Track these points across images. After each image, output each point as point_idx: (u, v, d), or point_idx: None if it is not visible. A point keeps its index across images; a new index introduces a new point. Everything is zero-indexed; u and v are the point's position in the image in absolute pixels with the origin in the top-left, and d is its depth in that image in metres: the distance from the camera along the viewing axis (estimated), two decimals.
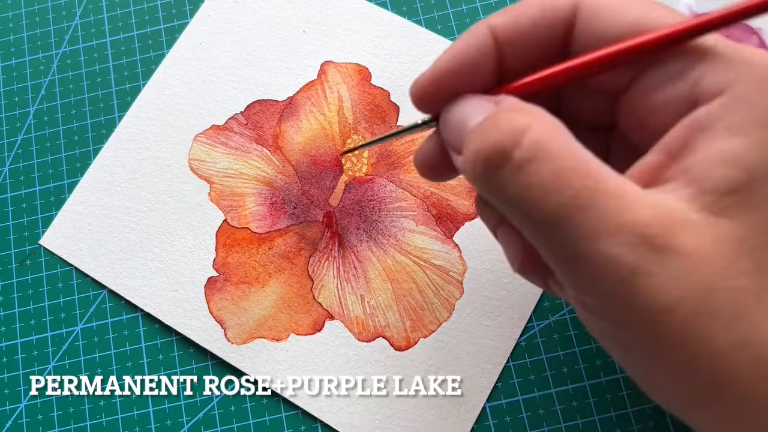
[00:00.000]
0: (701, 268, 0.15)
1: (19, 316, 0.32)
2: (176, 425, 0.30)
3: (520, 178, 0.16)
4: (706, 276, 0.15)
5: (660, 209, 0.15)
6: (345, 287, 0.31)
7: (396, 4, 0.36)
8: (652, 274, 0.15)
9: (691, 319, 0.15)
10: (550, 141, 0.16)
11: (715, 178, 0.15)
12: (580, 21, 0.18)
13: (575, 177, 0.16)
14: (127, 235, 0.33)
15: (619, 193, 0.16)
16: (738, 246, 0.15)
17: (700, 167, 0.16)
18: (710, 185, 0.15)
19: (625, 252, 0.15)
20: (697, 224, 0.15)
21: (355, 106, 0.34)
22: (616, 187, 0.16)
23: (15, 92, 0.36)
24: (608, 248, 0.15)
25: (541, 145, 0.16)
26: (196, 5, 0.36)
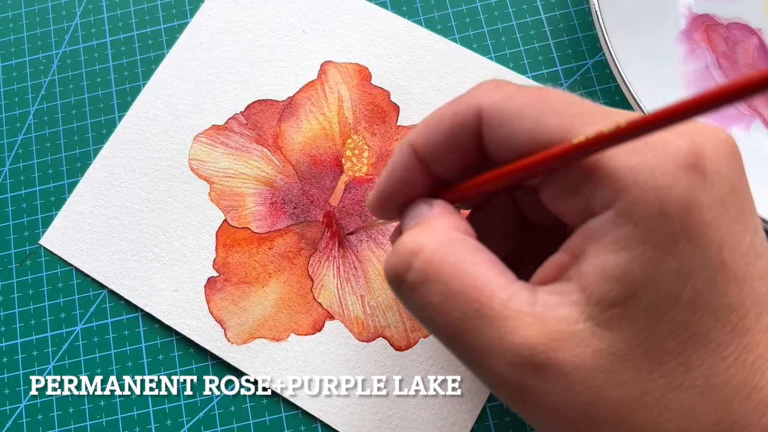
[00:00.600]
0: (583, 382, 0.16)
1: (19, 316, 0.32)
2: (176, 425, 0.30)
3: (414, 298, 0.18)
4: (588, 389, 0.16)
5: (545, 325, 0.16)
6: (345, 287, 0.31)
7: (396, 4, 0.36)
8: (536, 391, 0.17)
9: (578, 425, 0.17)
10: (439, 262, 0.18)
11: (599, 292, 0.16)
12: (485, 130, 0.19)
13: (460, 300, 0.17)
14: (127, 235, 0.33)
15: (504, 314, 0.17)
16: (618, 358, 0.16)
17: (588, 277, 0.17)
18: (595, 297, 0.16)
19: (509, 372, 0.17)
20: (581, 336, 0.16)
21: (355, 106, 0.34)
22: (501, 306, 0.17)
23: (15, 92, 0.36)
24: (493, 367, 0.17)
25: (429, 267, 0.18)
26: (196, 5, 0.36)
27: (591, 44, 0.35)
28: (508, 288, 0.17)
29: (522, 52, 0.35)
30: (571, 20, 0.35)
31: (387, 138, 0.33)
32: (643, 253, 0.16)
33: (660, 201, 0.16)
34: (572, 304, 0.17)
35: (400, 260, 0.18)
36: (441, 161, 0.20)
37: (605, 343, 0.16)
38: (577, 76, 0.34)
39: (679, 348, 0.16)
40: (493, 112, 0.19)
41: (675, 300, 0.16)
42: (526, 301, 0.17)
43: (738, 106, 0.33)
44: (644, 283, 0.16)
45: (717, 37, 0.33)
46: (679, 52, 0.33)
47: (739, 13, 0.33)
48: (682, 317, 0.16)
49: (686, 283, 0.16)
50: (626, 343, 0.16)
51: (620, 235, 0.16)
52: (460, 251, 0.18)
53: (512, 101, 0.18)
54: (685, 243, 0.16)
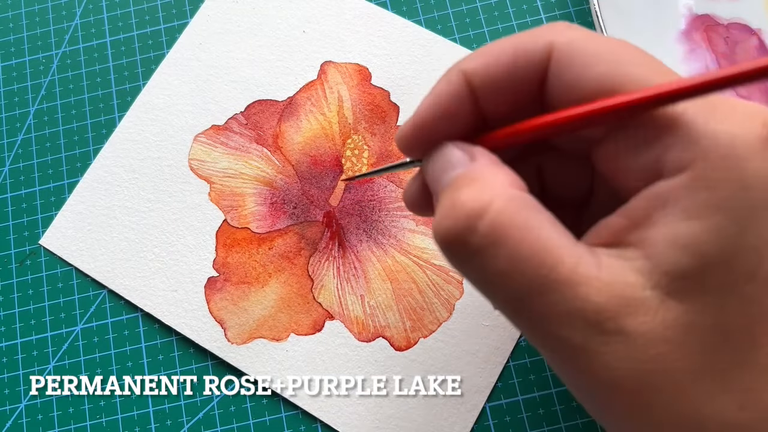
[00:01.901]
0: (646, 350, 0.16)
1: (19, 316, 0.32)
2: (176, 425, 0.30)
3: (477, 264, 0.17)
4: (651, 357, 0.16)
5: (612, 290, 0.16)
6: (345, 287, 0.31)
7: (396, 4, 0.36)
8: (599, 354, 0.16)
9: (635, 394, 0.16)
10: (506, 225, 0.16)
11: (669, 261, 0.16)
12: (552, 69, 0.18)
13: (529, 265, 0.16)
14: (127, 235, 0.33)
15: (572, 279, 0.16)
16: (685, 330, 0.16)
17: (656, 245, 0.16)
18: (664, 267, 0.16)
19: (574, 335, 0.16)
20: (648, 304, 0.16)
21: (355, 106, 0.34)
22: (570, 272, 0.16)
23: (15, 92, 0.36)
24: (559, 331, 0.16)
25: (496, 230, 0.16)
26: (196, 5, 0.36)
27: None
28: (575, 251, 0.16)
29: None
30: (571, 20, 0.35)
31: (387, 138, 0.33)
32: (720, 223, 0.15)
33: (741, 171, 0.15)
34: (637, 271, 0.16)
35: (461, 221, 0.17)
36: (494, 96, 0.19)
37: (672, 314, 0.16)
38: None
39: (748, 325, 0.16)
40: (567, 50, 0.17)
41: (751, 276, 0.15)
42: (592, 265, 0.16)
43: None
44: (719, 256, 0.15)
45: (717, 37, 0.33)
46: (679, 52, 0.33)
47: (739, 13, 0.33)
48: (756, 294, 0.16)
49: (763, 259, 0.15)
50: (695, 315, 0.16)
51: (695, 201, 0.15)
52: (525, 212, 0.17)
53: (588, 43, 0.17)
54: (764, 216, 0.15)
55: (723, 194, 0.15)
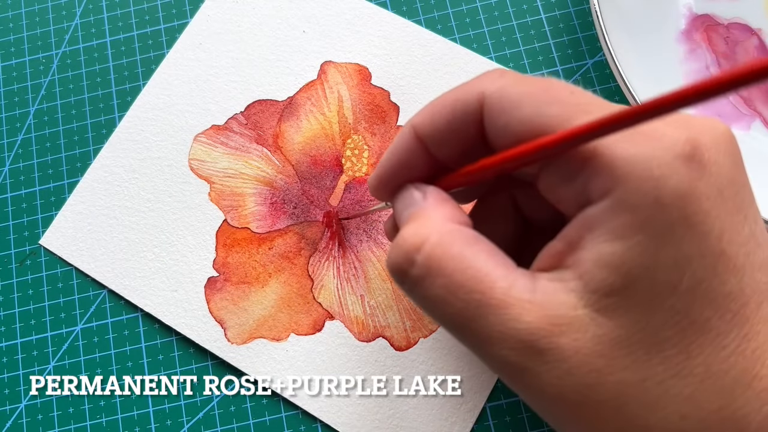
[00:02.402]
0: (582, 366, 0.17)
1: (19, 316, 0.32)
2: (176, 425, 0.30)
3: (418, 291, 0.19)
4: (588, 373, 0.17)
5: (544, 311, 0.17)
6: (345, 287, 0.31)
7: (396, 4, 0.36)
8: (538, 374, 0.17)
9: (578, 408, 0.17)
10: (440, 256, 0.18)
11: (596, 280, 0.17)
12: (485, 116, 0.19)
13: (463, 291, 0.18)
14: (127, 235, 0.33)
15: (506, 302, 0.17)
16: (616, 345, 0.17)
17: (585, 266, 0.17)
18: (593, 285, 0.17)
19: (512, 356, 0.17)
20: (580, 322, 0.17)
21: (355, 106, 0.34)
22: (502, 295, 0.17)
23: (15, 92, 0.36)
24: (497, 352, 0.17)
25: (432, 261, 0.18)
26: (196, 5, 0.36)
27: (591, 44, 0.35)
28: (509, 277, 0.18)
29: (522, 52, 0.35)
30: (571, 20, 0.35)
31: (387, 138, 0.33)
32: (640, 242, 0.16)
33: (657, 190, 0.16)
34: (570, 291, 0.17)
35: (401, 255, 0.19)
36: (442, 145, 0.21)
37: (603, 330, 0.17)
38: (577, 76, 0.34)
39: (679, 336, 0.16)
40: (495, 98, 0.19)
41: (673, 288, 0.16)
42: (526, 289, 0.17)
43: (738, 106, 0.33)
44: (641, 271, 0.16)
45: (717, 37, 0.33)
46: (679, 52, 0.33)
47: (739, 13, 0.33)
48: (680, 305, 0.16)
49: (685, 271, 0.16)
50: (624, 330, 0.16)
51: (617, 223, 0.16)
52: (460, 243, 0.18)
53: (514, 89, 0.19)
54: (683, 231, 0.16)
55: (641, 215, 0.16)
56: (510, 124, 0.18)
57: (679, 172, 0.16)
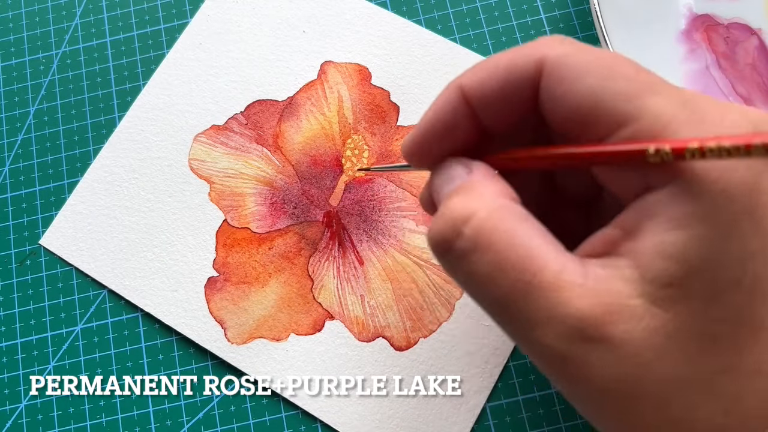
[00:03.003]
0: (631, 357, 0.16)
1: (19, 316, 0.32)
2: (176, 425, 0.30)
3: (462, 267, 0.18)
4: (636, 365, 0.16)
5: (597, 298, 0.16)
6: (345, 287, 0.31)
7: (396, 4, 0.36)
8: (584, 362, 0.16)
9: (622, 401, 0.16)
10: (491, 230, 0.17)
11: (655, 270, 0.16)
12: (543, 83, 0.18)
13: (512, 269, 0.17)
14: (127, 235, 0.33)
15: (555, 285, 0.16)
16: (669, 337, 0.16)
17: (644, 254, 0.16)
18: (650, 275, 0.16)
19: (556, 342, 0.16)
20: (634, 312, 0.16)
21: (355, 106, 0.34)
22: (553, 278, 0.16)
23: (15, 92, 0.36)
24: (542, 337, 0.17)
25: (481, 235, 0.17)
26: (196, 5, 0.36)
27: (591, 44, 0.34)
28: (559, 259, 0.17)
29: None
30: (571, 20, 0.35)
31: (387, 138, 0.33)
32: (704, 233, 0.15)
33: (724, 181, 0.15)
34: (625, 280, 0.16)
35: (448, 226, 0.18)
36: (491, 110, 0.19)
37: (658, 321, 0.16)
38: None
39: (733, 332, 0.16)
40: (557, 65, 0.18)
41: (734, 284, 0.16)
42: (578, 273, 0.17)
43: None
44: (703, 264, 0.16)
45: (717, 37, 0.33)
46: (679, 52, 0.33)
47: (739, 13, 0.33)
48: (738, 302, 0.16)
49: (747, 267, 0.16)
50: (679, 323, 0.16)
51: (680, 212, 0.16)
52: (511, 219, 0.17)
53: (578, 57, 0.18)
54: (747, 226, 0.15)
55: (706, 205, 0.15)
56: (569, 94, 0.17)
57: (747, 163, 0.15)
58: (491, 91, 0.19)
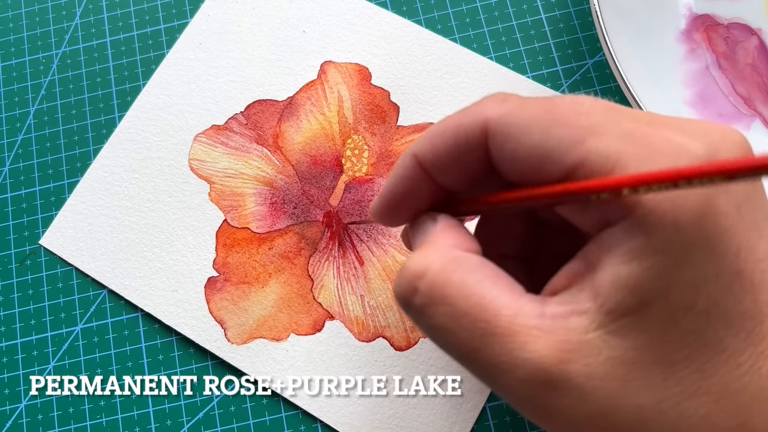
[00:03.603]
0: (596, 392, 0.16)
1: (19, 316, 0.32)
2: (176, 425, 0.30)
3: (423, 321, 0.18)
4: (602, 399, 0.16)
5: (554, 337, 0.16)
6: (345, 287, 0.31)
7: (396, 4, 0.36)
8: (551, 405, 0.17)
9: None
10: (444, 283, 0.18)
11: (611, 301, 0.16)
12: (491, 144, 0.19)
13: (467, 319, 0.17)
14: (127, 235, 0.33)
15: (512, 330, 0.17)
16: (631, 365, 0.16)
17: (602, 286, 0.16)
18: (607, 306, 0.16)
19: (522, 387, 0.17)
20: (592, 346, 0.16)
21: (355, 106, 0.34)
22: (508, 323, 0.17)
23: (15, 92, 0.36)
24: (508, 383, 0.17)
25: (434, 288, 0.18)
26: (196, 5, 0.36)
27: (591, 44, 0.35)
28: (515, 303, 0.17)
29: (522, 52, 0.35)
30: (571, 20, 0.35)
31: (387, 138, 0.33)
32: (655, 263, 0.16)
33: (674, 211, 0.16)
34: (583, 314, 0.17)
35: (405, 284, 0.19)
36: (446, 173, 0.20)
37: (617, 352, 0.16)
38: (577, 76, 0.34)
39: (693, 356, 0.16)
40: (500, 126, 0.18)
41: (688, 309, 0.16)
42: (533, 315, 0.17)
43: (738, 106, 0.33)
44: (656, 292, 0.16)
45: (717, 37, 0.33)
46: (679, 52, 0.33)
47: (739, 13, 0.33)
48: (695, 326, 0.16)
49: (700, 291, 0.16)
50: (638, 351, 0.16)
51: (634, 245, 0.16)
52: (463, 270, 0.18)
53: (519, 114, 0.18)
54: (700, 252, 0.16)
55: (658, 237, 0.16)
56: (518, 151, 0.18)
57: (698, 190, 0.16)
58: (442, 155, 0.20)
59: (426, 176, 0.21)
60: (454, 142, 0.19)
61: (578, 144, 0.17)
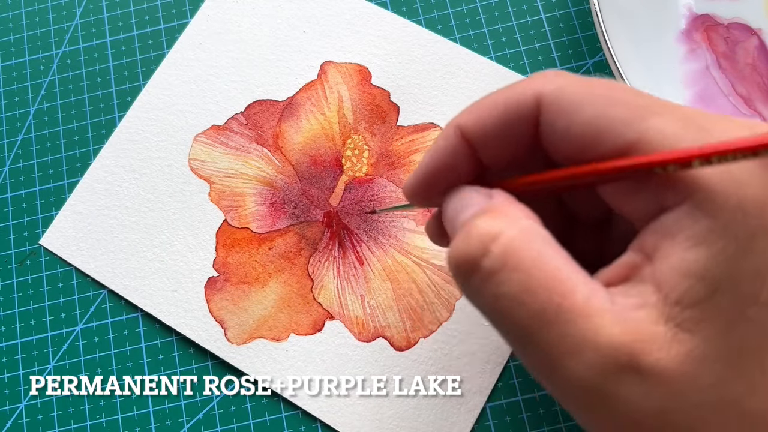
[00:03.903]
0: (663, 387, 0.15)
1: (19, 316, 0.32)
2: (176, 425, 0.30)
3: (488, 288, 0.17)
4: (668, 395, 0.15)
5: (626, 325, 0.16)
6: (345, 287, 0.31)
7: (396, 4, 0.36)
8: (614, 396, 0.16)
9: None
10: (519, 250, 0.16)
11: (678, 291, 0.16)
12: (543, 118, 0.18)
13: (542, 291, 0.16)
14: (127, 235, 0.33)
15: (586, 310, 0.16)
16: (699, 361, 0.15)
17: (665, 276, 0.16)
18: (674, 297, 0.16)
19: (587, 373, 0.16)
20: (662, 340, 0.15)
21: (356, 106, 0.34)
22: (583, 302, 0.16)
23: (15, 92, 0.36)
24: (574, 366, 0.16)
25: (509, 254, 0.16)
26: (196, 5, 0.36)
27: (591, 44, 0.35)
28: (589, 284, 0.16)
29: (522, 52, 0.35)
30: (571, 20, 0.35)
31: (387, 138, 0.33)
32: (725, 248, 0.15)
33: (738, 195, 0.15)
34: (650, 306, 0.16)
35: (474, 244, 0.17)
36: (491, 148, 0.19)
37: (686, 346, 0.15)
38: None
39: (757, 350, 0.16)
40: (555, 98, 0.18)
41: (755, 299, 0.15)
42: (606, 299, 0.16)
43: (738, 106, 0.33)
44: (726, 280, 0.15)
45: (717, 37, 0.33)
46: (679, 52, 0.33)
47: (739, 13, 0.33)
48: (759, 317, 0.15)
49: (764, 282, 0.15)
50: (707, 345, 0.15)
51: (699, 229, 0.15)
52: (539, 241, 0.17)
53: (574, 88, 0.18)
54: (763, 240, 0.15)
55: (724, 220, 0.15)
56: (570, 126, 0.17)
57: (759, 179, 0.15)
58: (491, 129, 0.19)
59: (469, 150, 0.19)
60: (503, 114, 0.19)
61: (636, 122, 0.16)
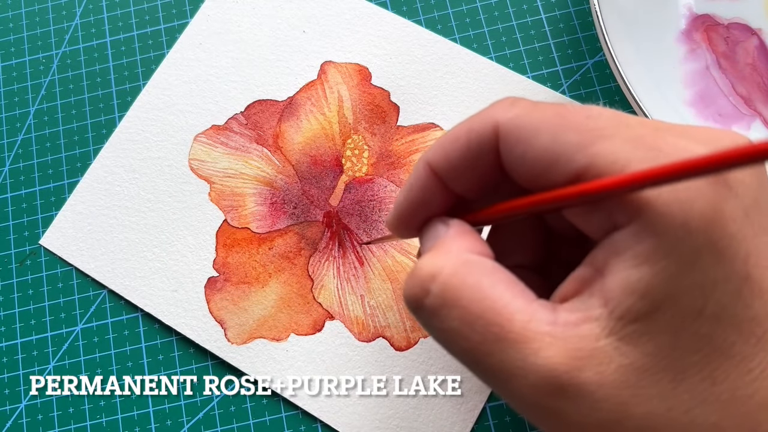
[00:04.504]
0: (607, 399, 0.16)
1: (19, 316, 0.32)
2: (176, 425, 0.30)
3: (433, 323, 0.18)
4: (614, 407, 0.16)
5: (567, 344, 0.16)
6: (345, 287, 0.31)
7: (396, 4, 0.36)
8: (561, 412, 0.16)
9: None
10: (457, 286, 0.18)
11: (621, 306, 0.16)
12: (501, 146, 0.19)
13: (480, 323, 0.17)
14: (127, 235, 0.33)
15: (525, 336, 0.17)
16: (642, 373, 0.16)
17: (612, 292, 0.16)
18: (618, 312, 0.16)
19: (533, 394, 0.17)
20: (604, 353, 0.16)
21: (355, 106, 0.34)
22: (521, 328, 0.17)
23: (15, 92, 0.36)
24: (518, 388, 0.17)
25: (447, 291, 0.18)
26: (196, 5, 0.36)
27: (591, 44, 0.35)
28: (528, 309, 0.17)
29: (522, 52, 0.35)
30: (571, 20, 0.35)
31: (387, 138, 0.33)
32: (666, 267, 0.16)
33: (683, 215, 0.16)
34: (594, 320, 0.17)
35: (417, 285, 0.18)
36: (459, 179, 0.20)
37: (628, 359, 0.16)
38: (577, 76, 0.34)
39: (703, 362, 0.16)
40: (510, 128, 0.18)
41: (698, 314, 0.16)
42: (546, 321, 0.17)
43: (738, 106, 0.33)
44: (667, 297, 0.16)
45: (717, 37, 0.33)
46: (679, 52, 0.33)
47: (739, 13, 0.33)
48: (705, 331, 0.16)
49: (710, 296, 0.16)
50: (649, 357, 0.16)
51: (642, 249, 0.16)
52: (477, 273, 0.18)
53: (529, 117, 0.18)
54: (709, 256, 0.16)
55: (668, 239, 0.16)
56: (527, 153, 0.18)
57: (706, 195, 0.16)
58: (456, 162, 0.20)
59: (440, 184, 0.21)
60: (466, 147, 0.19)
61: (586, 147, 0.17)
